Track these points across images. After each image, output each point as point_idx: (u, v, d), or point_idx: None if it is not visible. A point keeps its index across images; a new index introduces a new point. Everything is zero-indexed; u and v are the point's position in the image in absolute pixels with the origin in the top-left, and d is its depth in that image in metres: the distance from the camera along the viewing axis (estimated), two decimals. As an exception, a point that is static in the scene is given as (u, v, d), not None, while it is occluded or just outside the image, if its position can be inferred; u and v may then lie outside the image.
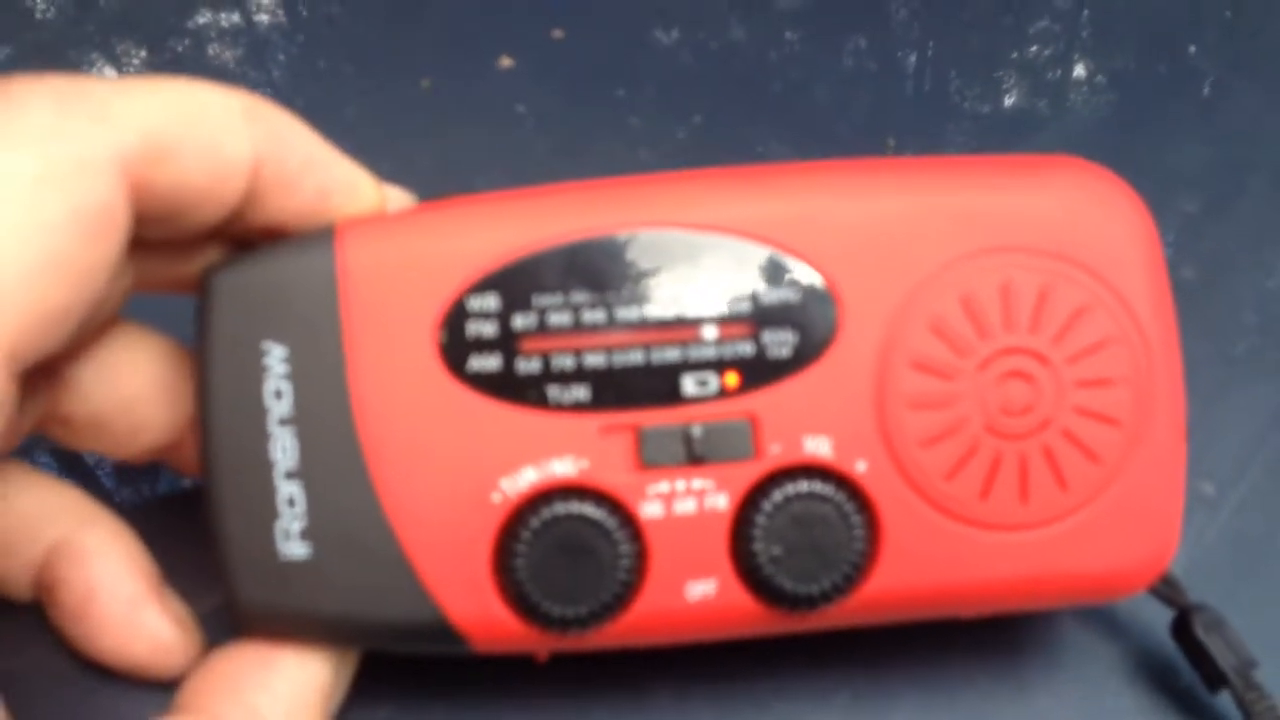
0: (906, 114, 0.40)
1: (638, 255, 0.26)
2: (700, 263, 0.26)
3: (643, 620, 0.26)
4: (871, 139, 0.39)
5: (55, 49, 0.40)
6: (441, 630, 0.26)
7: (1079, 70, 0.41)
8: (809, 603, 0.26)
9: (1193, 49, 0.41)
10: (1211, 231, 0.38)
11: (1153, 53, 0.41)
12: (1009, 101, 0.40)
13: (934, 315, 0.26)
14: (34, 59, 0.39)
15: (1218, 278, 0.37)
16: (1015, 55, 0.41)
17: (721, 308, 0.26)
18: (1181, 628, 0.29)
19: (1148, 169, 0.28)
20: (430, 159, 0.37)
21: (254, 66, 0.39)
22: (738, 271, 0.26)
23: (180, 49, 0.40)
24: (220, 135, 0.24)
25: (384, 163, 0.28)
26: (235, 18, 0.40)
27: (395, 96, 0.39)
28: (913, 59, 0.41)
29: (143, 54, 0.40)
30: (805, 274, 0.26)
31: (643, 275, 0.26)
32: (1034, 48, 0.41)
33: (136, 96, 0.24)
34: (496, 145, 0.38)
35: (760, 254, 0.26)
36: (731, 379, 0.26)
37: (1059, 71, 0.41)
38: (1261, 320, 0.36)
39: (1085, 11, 0.42)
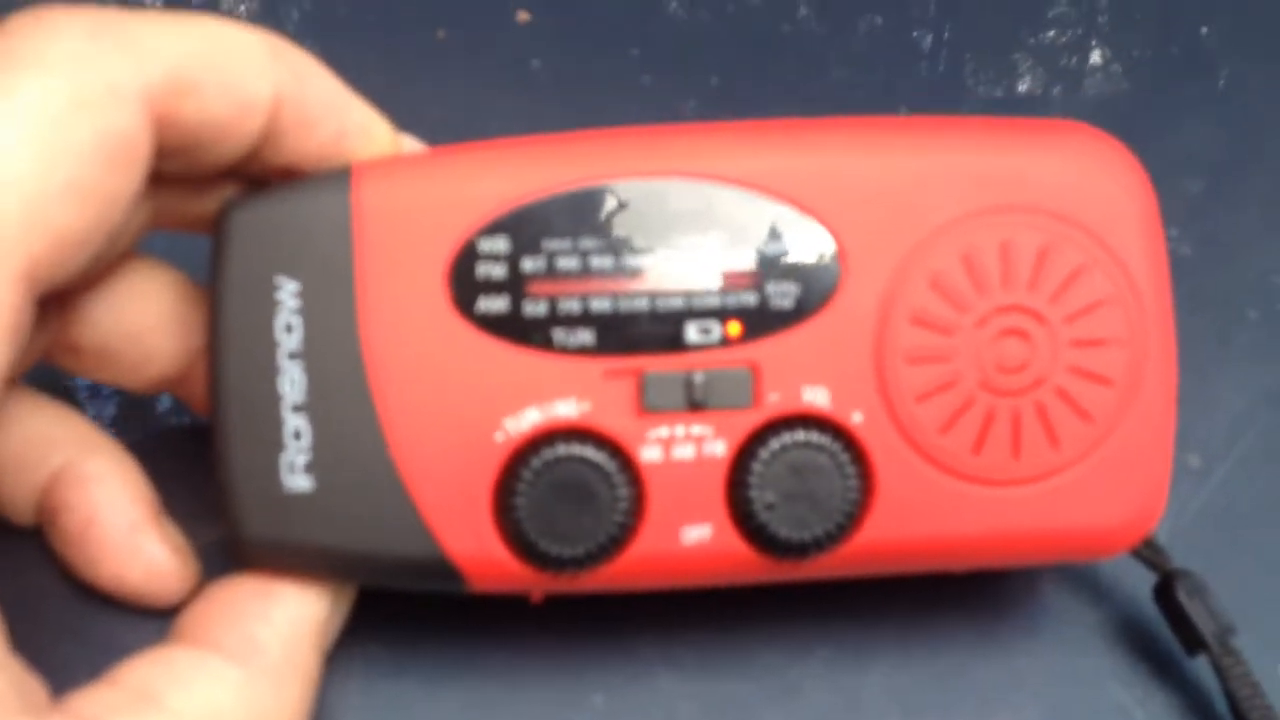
0: (919, 94, 0.40)
1: (646, 203, 0.26)
2: (707, 213, 0.26)
3: (638, 563, 0.26)
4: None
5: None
6: (440, 566, 0.26)
7: (1095, 57, 0.41)
8: (801, 550, 0.26)
9: (1205, 32, 0.42)
10: (1215, 211, 0.38)
11: (1168, 39, 0.41)
12: (1022, 87, 0.40)
13: (935, 272, 0.26)
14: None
15: (1219, 256, 0.37)
16: (1032, 40, 0.41)
17: (726, 257, 0.26)
18: (1164, 592, 0.30)
19: (1156, 150, 0.29)
20: (441, 110, 0.37)
21: (269, 12, 0.39)
22: (743, 223, 0.26)
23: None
24: (244, 72, 0.25)
25: (395, 112, 0.28)
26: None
27: (409, 45, 0.39)
28: (928, 40, 0.41)
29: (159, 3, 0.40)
30: (810, 227, 0.26)
31: (650, 223, 0.26)
32: (1051, 32, 0.41)
33: (165, 30, 0.24)
34: (508, 100, 0.38)
35: (766, 206, 0.26)
36: (734, 328, 0.26)
37: (1074, 58, 0.41)
38: (1260, 300, 0.37)
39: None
